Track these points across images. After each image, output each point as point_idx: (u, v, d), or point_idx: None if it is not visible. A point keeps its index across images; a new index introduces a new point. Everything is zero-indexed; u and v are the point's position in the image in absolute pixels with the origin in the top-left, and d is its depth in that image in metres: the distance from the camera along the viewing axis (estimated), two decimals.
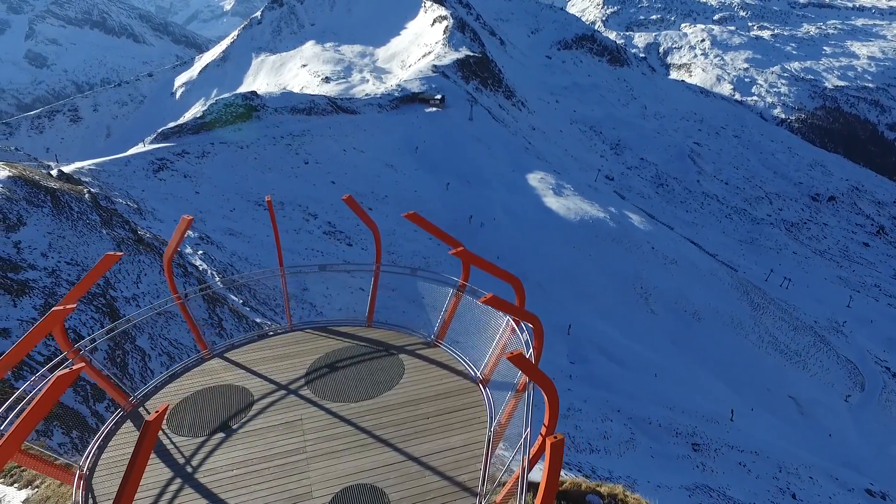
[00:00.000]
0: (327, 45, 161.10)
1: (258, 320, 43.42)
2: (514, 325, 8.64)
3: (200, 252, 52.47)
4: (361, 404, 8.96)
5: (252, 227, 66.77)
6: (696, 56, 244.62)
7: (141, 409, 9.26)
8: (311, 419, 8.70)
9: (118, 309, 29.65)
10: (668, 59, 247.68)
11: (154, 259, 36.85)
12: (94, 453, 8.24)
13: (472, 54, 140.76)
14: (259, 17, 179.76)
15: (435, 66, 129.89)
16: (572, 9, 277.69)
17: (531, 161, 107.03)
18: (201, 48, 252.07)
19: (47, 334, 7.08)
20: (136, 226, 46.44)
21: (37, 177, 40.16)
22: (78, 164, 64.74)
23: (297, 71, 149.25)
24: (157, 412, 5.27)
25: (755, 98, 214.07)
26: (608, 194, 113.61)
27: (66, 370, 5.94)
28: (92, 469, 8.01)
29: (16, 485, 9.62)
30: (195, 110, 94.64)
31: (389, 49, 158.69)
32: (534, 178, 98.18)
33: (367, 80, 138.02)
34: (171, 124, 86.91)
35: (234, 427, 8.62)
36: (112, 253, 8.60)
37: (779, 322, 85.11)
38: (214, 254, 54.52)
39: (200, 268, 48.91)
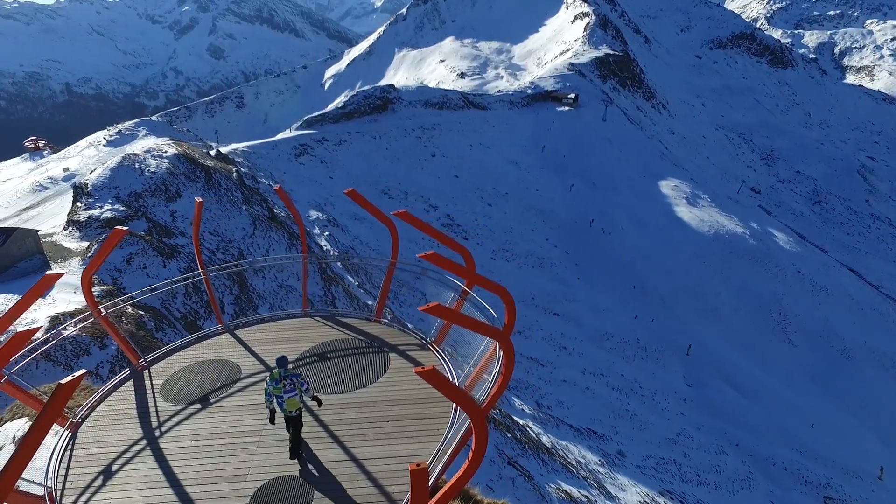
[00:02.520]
0: (466, 41, 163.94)
1: (370, 303, 45.66)
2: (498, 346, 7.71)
3: (327, 234, 56.30)
4: (332, 397, 8.88)
5: None
6: (881, 57, 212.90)
7: (146, 371, 9.96)
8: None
9: (247, 278, 32.88)
10: (845, 61, 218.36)
11: (282, 236, 40.27)
12: (92, 404, 9.07)
13: (612, 53, 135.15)
14: (404, 14, 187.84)
15: (571, 64, 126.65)
16: (731, 4, 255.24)
17: (665, 167, 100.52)
18: (351, 43, 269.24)
19: (41, 295, 7.74)
20: (273, 205, 51.01)
21: (197, 155, 45.71)
22: (234, 146, 72.58)
23: (435, 66, 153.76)
24: (72, 377, 5.60)
25: None
26: (751, 208, 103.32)
27: (26, 329, 6.77)
28: (84, 418, 8.77)
29: None
30: (339, 101, 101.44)
31: (526, 46, 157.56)
32: (666, 186, 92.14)
33: (502, 77, 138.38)
34: (316, 113, 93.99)
35: (212, 401, 9.05)
36: (119, 228, 9.46)
37: None
38: (339, 236, 58.20)
39: (325, 248, 52.50)
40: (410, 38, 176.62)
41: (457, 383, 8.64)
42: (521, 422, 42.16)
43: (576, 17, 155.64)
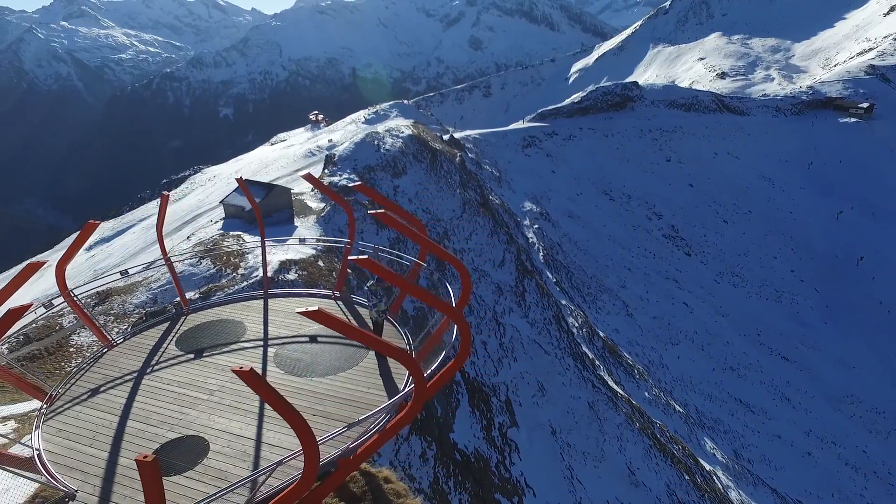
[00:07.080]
0: (734, 37, 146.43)
1: (563, 302, 44.67)
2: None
3: (536, 227, 56.50)
4: (292, 379, 9.12)
5: (592, 213, 68.02)
6: None
7: (184, 316, 11.28)
8: None
9: (444, 262, 34.82)
10: None
11: (487, 222, 41.60)
12: (133, 333, 10.72)
13: None
14: (667, 7, 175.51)
15: (872, 66, 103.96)
16: None
17: None
18: (606, 37, 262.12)
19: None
20: (490, 191, 52.96)
21: (428, 138, 49.77)
22: (468, 132, 77.02)
23: (692, 64, 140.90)
24: (20, 306, 6.39)
25: None
26: None
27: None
28: (119, 343, 10.49)
29: None
30: (576, 95, 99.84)
31: (812, 44, 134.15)
32: None
33: (772, 79, 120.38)
34: (551, 106, 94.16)
35: (205, 355, 9.79)
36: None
37: None
38: (548, 231, 57.92)
39: (530, 240, 52.82)
40: (669, 34, 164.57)
41: (400, 397, 8.27)
42: (707, 467, 37.21)
43: (892, 9, 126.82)
